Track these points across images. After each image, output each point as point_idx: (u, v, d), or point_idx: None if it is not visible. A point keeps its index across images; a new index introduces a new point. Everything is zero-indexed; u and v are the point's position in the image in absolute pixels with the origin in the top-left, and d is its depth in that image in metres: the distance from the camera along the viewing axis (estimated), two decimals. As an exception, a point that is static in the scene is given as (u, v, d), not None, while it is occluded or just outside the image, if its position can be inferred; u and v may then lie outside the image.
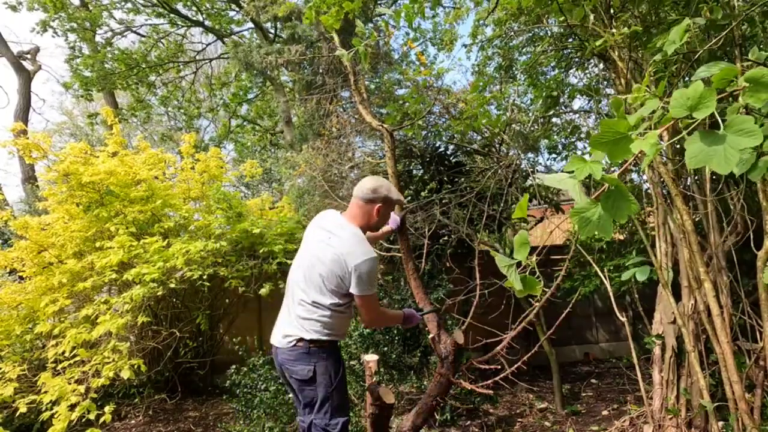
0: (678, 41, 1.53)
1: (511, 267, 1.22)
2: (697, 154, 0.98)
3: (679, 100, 1.04)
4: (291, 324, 2.09)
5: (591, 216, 1.07)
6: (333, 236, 2.06)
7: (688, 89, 1.03)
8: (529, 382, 4.67)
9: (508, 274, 1.22)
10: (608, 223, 1.06)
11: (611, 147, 1.08)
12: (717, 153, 0.96)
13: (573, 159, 1.11)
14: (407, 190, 4.67)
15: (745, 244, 2.69)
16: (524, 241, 1.22)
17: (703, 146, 0.98)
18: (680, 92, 1.04)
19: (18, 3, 9.74)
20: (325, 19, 2.91)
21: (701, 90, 1.01)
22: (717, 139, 0.97)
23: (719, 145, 0.96)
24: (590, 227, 1.07)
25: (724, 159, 0.94)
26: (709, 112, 0.99)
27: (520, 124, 4.46)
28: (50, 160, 4.45)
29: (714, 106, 0.99)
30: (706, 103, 1.00)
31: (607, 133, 1.07)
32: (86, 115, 13.17)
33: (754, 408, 2.57)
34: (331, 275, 2.01)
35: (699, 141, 0.99)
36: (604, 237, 1.11)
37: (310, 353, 2.03)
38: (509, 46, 4.57)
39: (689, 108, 1.02)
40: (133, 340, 4.13)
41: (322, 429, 2.04)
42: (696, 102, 1.01)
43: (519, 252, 1.21)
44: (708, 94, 1.00)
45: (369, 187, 2.12)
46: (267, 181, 13.55)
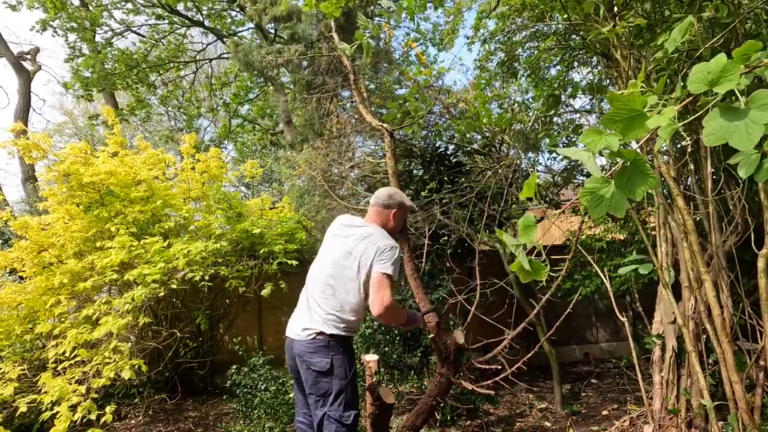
0: (680, 39, 1.52)
1: (518, 247, 1.16)
2: (716, 131, 0.91)
3: (699, 75, 0.97)
4: (311, 319, 2.17)
5: (604, 193, 1.00)
6: (362, 236, 2.21)
7: (710, 63, 0.96)
8: (529, 382, 4.67)
9: (516, 253, 1.16)
10: (621, 200, 0.99)
11: (625, 124, 1.01)
12: (738, 129, 0.89)
13: (588, 131, 1.05)
14: (407, 190, 4.67)
15: (745, 243, 2.69)
16: (530, 223, 1.17)
17: (723, 122, 0.91)
18: (701, 66, 0.97)
19: (18, 2, 9.74)
20: (324, 6, 2.89)
21: (724, 62, 0.94)
22: (738, 114, 0.90)
23: (740, 120, 0.89)
24: (602, 206, 1.00)
25: (746, 134, 0.87)
26: (732, 85, 0.92)
27: (521, 123, 4.45)
28: (50, 160, 4.45)
29: (737, 80, 0.92)
30: (729, 76, 0.93)
31: (621, 110, 1.01)
32: (87, 116, 13.18)
33: (754, 408, 2.57)
34: (365, 273, 2.13)
35: (719, 117, 0.92)
36: (617, 215, 1.03)
37: (328, 346, 2.12)
38: (512, 41, 4.54)
39: (709, 83, 0.95)
40: (134, 341, 4.13)
41: (336, 421, 2.09)
42: (717, 76, 0.94)
43: (524, 234, 1.16)
44: (730, 67, 0.93)
45: (386, 194, 2.34)
46: (267, 181, 13.55)
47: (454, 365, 2.67)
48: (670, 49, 1.51)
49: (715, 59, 0.96)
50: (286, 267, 4.45)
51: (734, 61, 0.94)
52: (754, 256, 2.49)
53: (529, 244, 1.16)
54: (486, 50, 4.96)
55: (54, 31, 9.86)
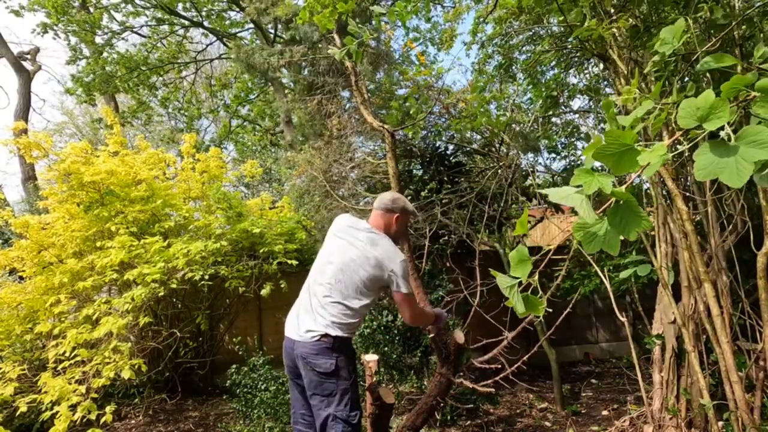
0: (676, 42, 1.52)
1: (512, 288, 1.14)
2: (706, 166, 0.93)
3: (688, 110, 0.98)
4: (315, 321, 2.18)
5: (597, 231, 1.01)
6: (369, 242, 2.23)
7: (698, 99, 0.97)
8: (529, 382, 4.67)
9: (510, 295, 1.14)
10: (615, 239, 0.99)
11: (616, 159, 1.01)
12: (728, 165, 0.90)
13: (579, 172, 1.04)
14: (407, 190, 4.67)
15: (745, 243, 2.69)
16: (523, 257, 1.14)
17: (713, 158, 0.92)
18: (689, 102, 0.98)
19: (21, 7, 9.75)
20: (318, 19, 2.91)
21: (712, 99, 0.95)
22: (728, 150, 0.91)
23: (730, 157, 0.90)
24: (596, 243, 1.01)
25: (736, 172, 0.88)
26: (722, 123, 0.93)
27: (520, 124, 4.46)
28: (51, 159, 4.46)
29: (727, 117, 0.93)
30: (718, 113, 0.94)
31: (612, 145, 1.01)
32: (89, 117, 13.20)
33: (754, 408, 2.57)
34: (372, 279, 2.18)
35: (709, 152, 0.93)
36: (611, 253, 1.04)
37: (333, 348, 2.13)
38: (509, 44, 4.56)
39: (699, 118, 0.96)
40: (134, 341, 4.13)
41: (343, 421, 2.10)
42: (707, 112, 0.95)
43: (517, 269, 1.13)
44: (720, 103, 0.94)
45: (389, 199, 2.36)
46: (267, 181, 13.55)
47: (454, 365, 2.67)
48: (666, 52, 1.50)
49: (703, 95, 0.97)
50: (286, 267, 4.45)
51: (722, 99, 0.95)
52: (753, 256, 2.50)
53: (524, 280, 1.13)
54: (484, 53, 4.98)
55: (55, 33, 9.87)
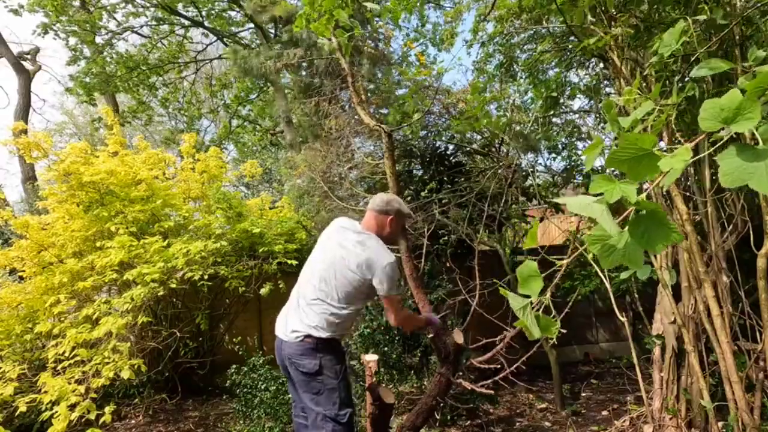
0: (675, 43, 1.51)
1: (525, 309, 1.03)
2: (733, 171, 0.84)
3: (711, 111, 0.90)
4: (301, 321, 2.19)
5: (616, 243, 0.90)
6: (358, 243, 2.21)
7: (723, 99, 0.89)
8: (529, 382, 4.67)
9: (523, 317, 1.03)
10: (638, 253, 0.89)
11: (633, 165, 0.93)
12: (758, 170, 0.82)
13: (598, 179, 0.95)
14: (407, 190, 4.67)
15: (745, 243, 2.69)
16: (532, 273, 1.04)
17: (740, 162, 0.84)
18: (713, 102, 0.90)
19: (20, 6, 9.75)
20: (314, 26, 2.90)
21: (739, 99, 0.87)
22: (757, 154, 0.83)
23: (760, 162, 0.82)
24: (615, 257, 0.91)
25: (767, 178, 0.81)
26: (753, 124, 0.85)
27: (521, 124, 4.46)
28: (51, 159, 4.46)
29: (759, 117, 0.85)
30: (747, 114, 0.86)
31: (628, 150, 0.92)
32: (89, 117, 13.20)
33: (754, 408, 2.57)
34: (359, 280, 2.15)
35: (735, 156, 0.85)
36: (634, 268, 0.94)
37: (316, 348, 2.14)
38: (510, 43, 4.56)
39: (724, 120, 0.88)
40: (133, 340, 4.13)
41: (332, 420, 2.11)
42: (733, 113, 0.87)
43: (527, 286, 1.04)
44: (749, 104, 0.86)
45: (384, 200, 2.34)
46: (267, 180, 13.55)
47: (453, 365, 2.67)
48: (665, 53, 1.49)
49: (728, 95, 0.89)
50: (286, 267, 4.45)
51: (752, 99, 0.87)
52: (753, 256, 2.49)
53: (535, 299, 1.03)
54: (485, 52, 4.98)
55: (55, 34, 9.87)
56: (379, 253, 2.17)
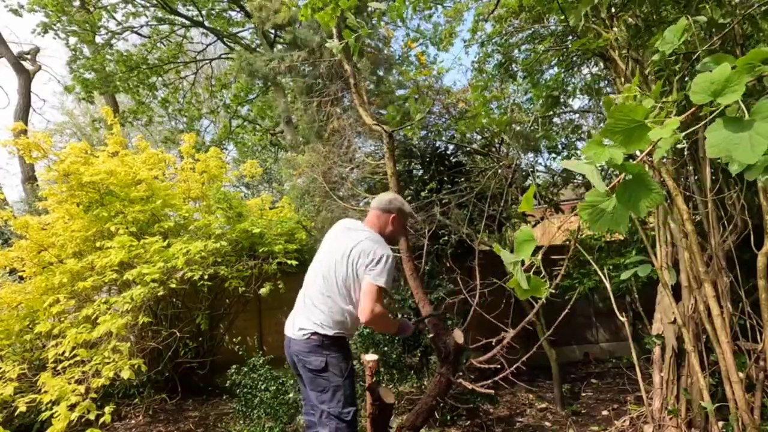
0: (676, 41, 1.51)
1: (516, 264, 1.12)
2: (719, 143, 0.89)
3: (702, 85, 0.93)
4: (307, 319, 2.23)
5: (605, 207, 0.96)
6: (354, 237, 2.24)
7: (713, 72, 0.93)
8: (529, 382, 4.67)
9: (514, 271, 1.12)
10: (624, 215, 0.96)
11: (626, 135, 0.97)
12: (742, 141, 0.86)
13: (589, 143, 1.01)
14: (407, 190, 4.67)
15: (745, 243, 2.69)
16: (528, 237, 1.12)
17: (727, 133, 0.88)
18: (704, 76, 0.94)
19: (20, 6, 9.75)
20: (320, 16, 2.90)
21: (728, 72, 0.91)
22: (743, 125, 0.87)
23: (745, 132, 0.86)
24: (603, 220, 0.97)
25: (750, 147, 0.85)
26: (737, 96, 0.89)
27: (521, 124, 4.46)
28: (50, 159, 4.45)
29: (743, 90, 0.88)
30: (733, 87, 0.89)
31: (621, 121, 0.97)
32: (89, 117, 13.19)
33: (754, 408, 2.56)
34: (352, 272, 2.16)
35: (722, 128, 0.89)
36: (619, 231, 1.00)
37: (323, 346, 2.18)
38: (509, 43, 4.56)
39: (713, 93, 0.91)
40: (133, 340, 4.13)
41: (336, 417, 2.14)
42: (722, 86, 0.91)
43: (521, 249, 1.11)
44: (736, 76, 0.90)
45: (386, 199, 2.39)
46: (267, 180, 13.55)
47: (453, 365, 2.67)
48: (667, 51, 1.50)
49: (718, 68, 0.93)
50: (286, 267, 4.45)
51: (739, 71, 0.91)
52: (753, 256, 2.49)
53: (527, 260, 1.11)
54: (484, 52, 4.98)
55: (55, 33, 9.87)
56: (377, 247, 2.19)
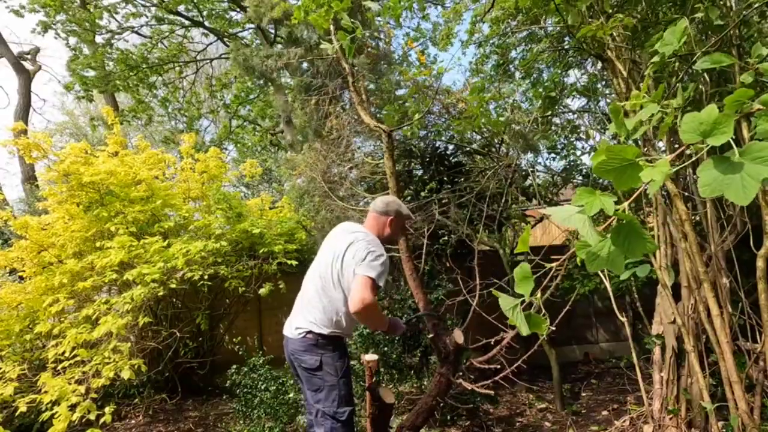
0: (676, 42, 1.51)
1: (515, 309, 1.13)
2: (711, 183, 0.90)
3: (691, 125, 0.95)
4: (304, 318, 2.26)
5: (599, 251, 0.99)
6: (350, 238, 2.26)
7: (701, 113, 0.95)
8: (529, 382, 4.67)
9: (512, 315, 1.13)
10: (619, 259, 0.98)
11: (618, 175, 1.00)
12: (734, 182, 0.87)
13: (580, 192, 1.02)
14: (407, 190, 4.67)
15: (744, 244, 2.69)
16: (526, 275, 1.13)
17: (717, 174, 0.89)
18: (692, 116, 0.96)
19: (21, 7, 9.74)
20: (313, 18, 2.91)
21: (715, 115, 0.93)
22: (733, 167, 0.88)
23: (736, 174, 0.87)
24: (599, 262, 0.99)
25: (742, 189, 0.86)
26: (726, 139, 0.91)
27: (520, 124, 4.46)
28: (50, 160, 4.45)
29: (731, 133, 0.91)
30: (722, 129, 0.92)
31: (613, 160, 0.99)
32: (88, 117, 13.18)
33: (754, 408, 2.57)
34: (347, 271, 2.17)
35: (713, 168, 0.90)
36: (616, 272, 1.03)
37: (318, 345, 2.20)
38: (506, 44, 4.57)
39: (702, 133, 0.94)
40: (133, 341, 4.13)
41: (331, 417, 2.16)
42: (710, 127, 0.93)
43: (521, 286, 1.12)
44: (724, 119, 0.92)
45: (384, 202, 2.42)
46: (267, 180, 13.56)
47: (453, 365, 2.67)
48: (667, 53, 1.50)
49: (706, 110, 0.94)
50: (286, 267, 4.45)
51: (726, 114, 0.93)
52: (752, 257, 2.49)
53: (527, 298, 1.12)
54: (482, 54, 4.99)
55: (55, 33, 9.87)
56: (370, 246, 2.20)
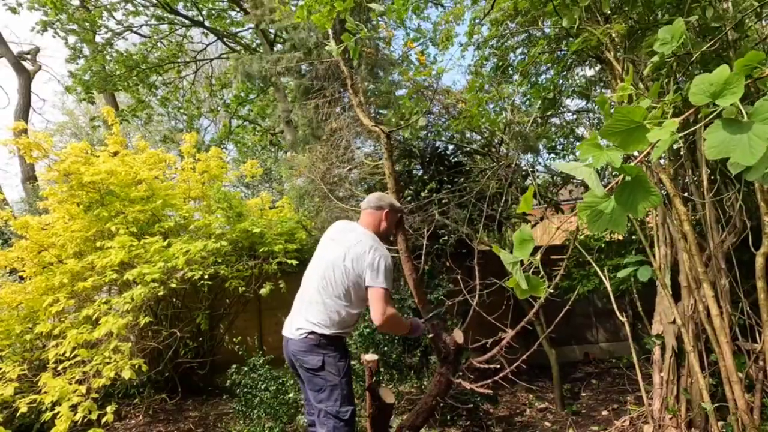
0: (675, 42, 1.52)
1: (515, 264, 1.14)
2: (718, 144, 0.89)
3: (701, 86, 0.94)
4: (305, 319, 2.26)
5: (604, 209, 0.97)
6: (356, 242, 2.27)
7: (712, 74, 0.94)
8: (529, 382, 4.68)
9: (513, 271, 1.14)
10: (622, 217, 0.97)
11: (624, 137, 0.99)
12: (741, 142, 0.86)
13: (586, 145, 1.01)
14: (407, 190, 4.67)
15: (744, 244, 2.70)
16: (526, 237, 1.14)
17: (725, 135, 0.89)
18: (703, 78, 0.95)
19: (18, 4, 9.74)
20: (316, 18, 2.90)
21: (726, 74, 0.91)
22: (741, 127, 0.88)
23: (744, 134, 0.87)
24: (602, 222, 0.98)
25: (749, 149, 0.85)
26: (736, 98, 0.89)
27: (520, 124, 4.46)
28: (51, 159, 4.46)
29: (741, 92, 0.89)
30: (733, 88, 0.90)
31: (620, 122, 0.98)
32: (88, 116, 13.17)
33: (754, 408, 2.57)
34: (350, 274, 2.20)
35: (721, 129, 0.90)
36: (618, 232, 1.02)
37: (319, 345, 2.21)
38: (505, 46, 4.59)
39: (712, 95, 0.92)
40: (134, 340, 4.14)
41: (333, 416, 2.17)
42: (721, 87, 0.91)
43: (520, 249, 1.13)
44: (735, 79, 0.90)
45: (376, 197, 2.46)
46: (267, 180, 13.56)
47: (453, 365, 2.67)
48: (666, 52, 1.51)
49: (717, 70, 0.93)
50: (286, 267, 4.45)
51: (737, 73, 0.92)
52: (752, 257, 2.50)
53: (526, 260, 1.13)
54: (481, 56, 5.00)
55: (55, 32, 9.87)
56: (374, 249, 2.23)
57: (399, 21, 3.42)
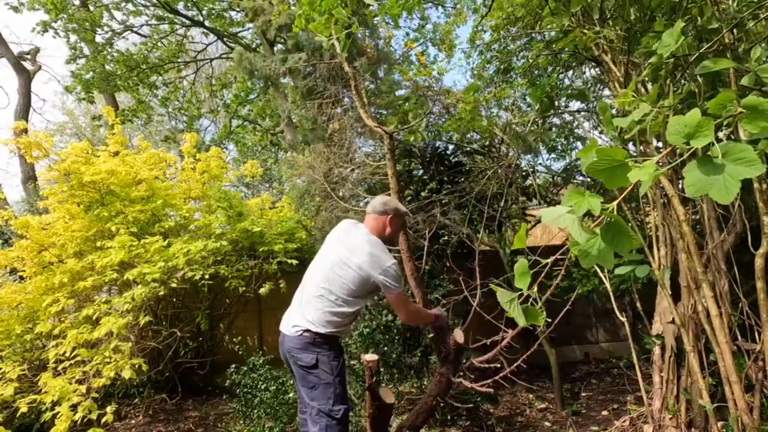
0: (674, 43, 1.52)
1: (512, 302, 1.19)
2: (695, 183, 0.97)
3: (676, 127, 1.02)
4: (302, 316, 2.27)
5: (590, 249, 1.05)
6: (361, 244, 2.29)
7: (686, 117, 1.02)
8: (529, 382, 4.68)
9: (510, 308, 1.19)
10: (609, 255, 1.04)
11: (608, 174, 1.06)
12: (716, 182, 0.94)
13: (570, 193, 1.08)
14: (407, 190, 4.67)
15: (743, 244, 2.70)
16: (524, 270, 1.19)
17: (701, 175, 0.96)
18: (677, 120, 1.02)
19: (20, 3, 9.74)
20: (314, 26, 2.91)
21: (698, 118, 0.99)
22: (716, 168, 0.95)
23: (718, 175, 0.94)
24: (590, 259, 1.06)
25: (725, 189, 0.92)
26: (707, 141, 0.97)
27: (520, 125, 4.47)
28: (51, 159, 4.46)
29: (712, 136, 0.97)
30: (704, 132, 0.98)
31: (603, 161, 1.06)
32: (89, 116, 13.18)
33: (754, 407, 2.57)
34: (361, 280, 2.23)
35: (697, 169, 0.97)
36: (606, 266, 1.09)
37: (314, 343, 2.22)
38: (507, 50, 4.62)
39: (686, 136, 1.00)
40: (134, 340, 4.14)
41: (326, 414, 2.17)
42: (693, 130, 0.99)
43: (520, 281, 1.18)
44: (705, 123, 0.99)
45: (381, 201, 2.45)
46: (267, 180, 13.56)
47: (453, 365, 2.68)
48: (665, 54, 1.51)
49: (690, 113, 1.00)
50: (287, 266, 4.45)
51: (707, 118, 0.99)
52: (751, 257, 2.50)
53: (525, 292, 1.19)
54: (483, 60, 5.03)
55: (55, 32, 9.87)
56: (380, 255, 2.25)
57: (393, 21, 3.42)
